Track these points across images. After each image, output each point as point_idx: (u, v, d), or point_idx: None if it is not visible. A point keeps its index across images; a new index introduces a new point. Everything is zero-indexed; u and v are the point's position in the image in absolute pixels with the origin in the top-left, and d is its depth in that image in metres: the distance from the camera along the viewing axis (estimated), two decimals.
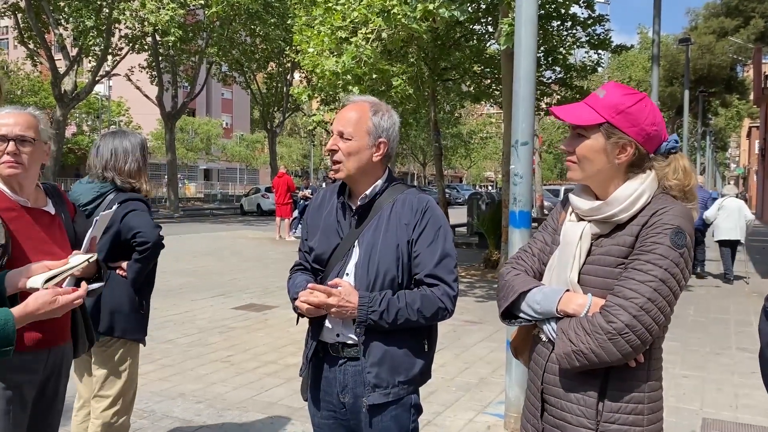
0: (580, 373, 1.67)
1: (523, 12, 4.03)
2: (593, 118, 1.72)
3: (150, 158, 3.59)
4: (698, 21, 37.48)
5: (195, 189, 49.93)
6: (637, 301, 1.58)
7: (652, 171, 1.73)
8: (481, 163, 60.10)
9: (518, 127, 4.09)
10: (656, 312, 1.58)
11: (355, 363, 2.10)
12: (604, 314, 1.61)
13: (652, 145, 1.73)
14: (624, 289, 1.61)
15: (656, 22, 13.95)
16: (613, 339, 1.58)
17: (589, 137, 1.73)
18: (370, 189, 2.14)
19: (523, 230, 4.15)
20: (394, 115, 2.19)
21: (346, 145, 2.09)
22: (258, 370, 5.52)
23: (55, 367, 2.29)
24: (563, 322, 1.69)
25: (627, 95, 1.71)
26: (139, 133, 3.21)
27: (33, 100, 36.88)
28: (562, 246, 1.79)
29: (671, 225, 1.62)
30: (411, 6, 7.53)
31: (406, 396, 2.12)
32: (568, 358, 1.65)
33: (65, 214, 2.36)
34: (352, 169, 2.10)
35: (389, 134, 2.14)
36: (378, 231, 2.10)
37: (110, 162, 3.06)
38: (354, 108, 2.14)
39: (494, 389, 5.07)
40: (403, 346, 2.08)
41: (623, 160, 1.72)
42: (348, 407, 2.12)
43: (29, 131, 2.18)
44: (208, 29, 24.89)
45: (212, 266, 12.01)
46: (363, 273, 2.07)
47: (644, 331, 1.58)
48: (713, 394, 5.10)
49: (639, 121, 1.69)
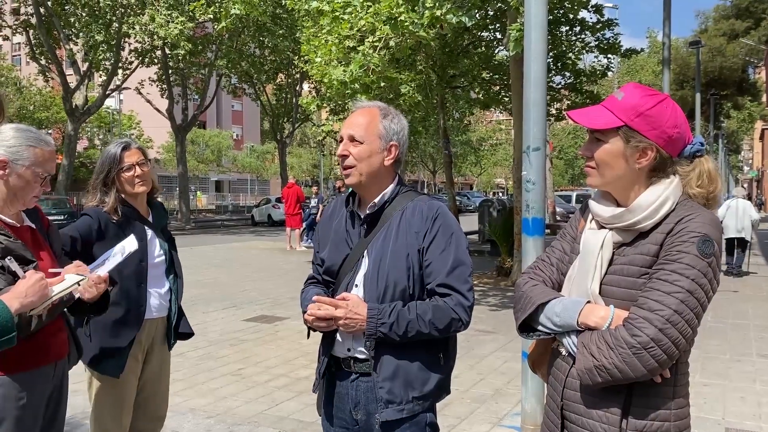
0: (603, 389, 1.58)
1: (533, 16, 3.96)
2: (611, 121, 1.64)
3: (161, 170, 3.55)
4: (708, 23, 37.25)
5: (206, 200, 50.19)
6: (663, 314, 1.49)
7: (676, 176, 1.65)
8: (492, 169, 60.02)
9: (530, 133, 4.01)
10: (683, 325, 1.50)
11: (367, 378, 2.02)
12: (628, 327, 1.52)
13: (675, 149, 1.65)
14: (649, 300, 1.52)
15: (666, 25, 13.83)
16: (637, 353, 1.49)
17: (608, 141, 1.65)
18: (379, 197, 2.08)
19: (537, 238, 4.07)
20: (403, 119, 2.13)
21: (357, 149, 2.03)
22: (269, 383, 5.45)
23: (59, 380, 2.29)
24: (584, 336, 1.60)
25: (647, 96, 1.63)
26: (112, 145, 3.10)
27: (45, 115, 37.24)
28: (583, 255, 1.71)
29: (698, 233, 1.53)
30: (418, 13, 7.48)
31: (422, 413, 2.03)
32: (589, 374, 1.56)
33: (39, 226, 2.35)
34: (363, 174, 2.04)
35: (400, 138, 2.09)
36: (387, 240, 2.03)
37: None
38: (364, 112, 2.09)
39: (510, 401, 4.96)
40: (416, 359, 2.00)
41: (644, 165, 1.63)
42: (361, 424, 2.05)
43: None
44: (217, 42, 25.03)
45: (223, 278, 11.98)
46: (372, 284, 2.00)
47: (670, 345, 1.49)
48: (736, 402, 4.97)
49: (660, 124, 1.61)
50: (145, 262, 2.93)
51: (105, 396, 2.90)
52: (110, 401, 2.90)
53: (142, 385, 3.03)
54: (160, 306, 3.03)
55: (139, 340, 2.94)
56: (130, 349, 2.89)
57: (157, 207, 3.16)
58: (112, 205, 2.87)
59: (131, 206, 2.97)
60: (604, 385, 1.56)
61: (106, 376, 2.87)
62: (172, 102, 27.71)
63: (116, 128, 43.55)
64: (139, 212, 3.01)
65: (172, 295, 3.09)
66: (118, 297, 2.82)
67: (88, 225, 2.83)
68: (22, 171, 2.12)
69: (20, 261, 2.07)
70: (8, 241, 2.07)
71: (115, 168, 2.89)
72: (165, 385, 3.19)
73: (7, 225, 2.12)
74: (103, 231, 2.83)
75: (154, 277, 2.99)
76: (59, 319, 2.25)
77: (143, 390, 3.04)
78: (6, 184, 2.11)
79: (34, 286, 1.85)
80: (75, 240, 2.79)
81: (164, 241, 3.09)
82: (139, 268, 2.90)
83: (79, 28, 23.22)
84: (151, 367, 3.05)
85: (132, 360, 2.91)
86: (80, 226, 2.83)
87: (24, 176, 2.12)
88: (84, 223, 2.85)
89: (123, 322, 2.85)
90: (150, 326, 2.99)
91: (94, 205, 2.90)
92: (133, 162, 2.91)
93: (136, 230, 2.92)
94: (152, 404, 3.10)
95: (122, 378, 2.88)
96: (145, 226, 3.00)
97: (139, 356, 2.97)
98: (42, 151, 2.16)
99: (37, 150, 2.14)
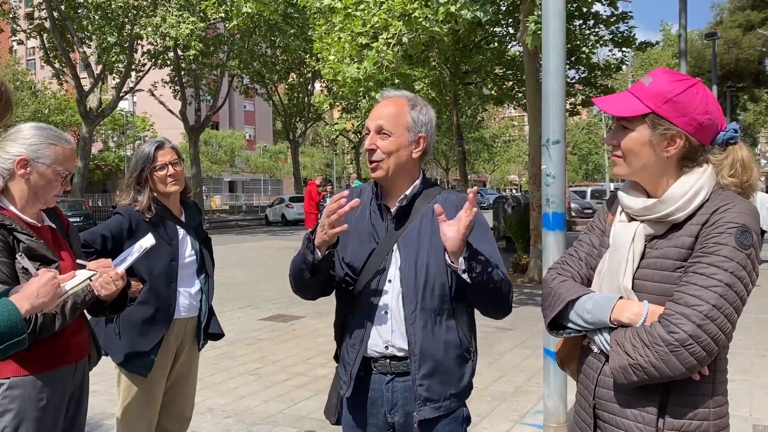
0: (638, 388, 1.52)
1: (551, 6, 3.89)
2: (637, 108, 1.57)
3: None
4: (723, 15, 36.73)
5: (220, 201, 50.37)
6: (701, 309, 1.42)
7: (708, 165, 1.58)
8: (505, 166, 59.77)
9: (549, 125, 3.94)
10: (722, 320, 1.43)
11: (405, 378, 1.95)
12: (664, 324, 1.45)
13: (707, 136, 1.58)
14: (685, 295, 1.45)
15: (683, 17, 13.64)
16: (675, 351, 1.43)
17: (634, 129, 1.58)
18: (410, 189, 2.01)
19: (558, 232, 3.99)
20: (431, 109, 2.07)
21: (385, 142, 1.97)
22: (287, 382, 5.42)
23: (79, 381, 2.27)
24: (618, 333, 1.54)
25: (676, 81, 1.56)
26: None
27: (60, 119, 37.57)
28: (613, 249, 1.64)
29: (736, 223, 1.46)
30: (432, 8, 7.41)
31: (458, 409, 1.99)
32: (624, 372, 1.50)
33: (59, 225, 2.33)
34: (392, 168, 1.97)
35: (428, 129, 2.03)
36: (423, 233, 1.97)
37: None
38: (391, 102, 2.02)
39: (531, 398, 4.90)
40: (451, 355, 1.95)
41: (672, 153, 1.56)
42: (398, 427, 1.98)
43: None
44: (229, 42, 25.09)
45: (239, 277, 12.00)
46: (410, 278, 1.93)
47: (710, 342, 1.42)
48: (762, 399, 4.87)
49: (689, 110, 1.54)
50: (175, 261, 2.91)
51: (132, 395, 2.89)
52: (138, 400, 2.89)
53: (170, 385, 3.01)
54: (190, 306, 3.00)
55: (168, 340, 2.92)
56: (159, 348, 2.87)
57: (190, 206, 3.14)
58: (145, 204, 2.86)
59: (164, 205, 2.95)
60: (639, 384, 1.50)
61: (134, 374, 2.86)
62: (185, 103, 27.80)
63: (130, 130, 43.85)
64: (172, 211, 2.99)
65: (203, 296, 3.07)
66: (147, 296, 2.82)
67: (120, 223, 2.83)
68: (43, 169, 2.09)
69: (42, 261, 2.04)
70: (30, 240, 2.05)
71: (148, 167, 2.89)
72: (192, 386, 3.18)
73: (28, 224, 2.10)
74: (134, 230, 2.82)
75: (185, 277, 2.97)
76: (79, 319, 2.23)
77: (170, 390, 3.02)
78: (27, 183, 2.09)
79: (45, 285, 1.82)
80: (106, 238, 2.79)
81: (196, 241, 3.06)
82: (170, 268, 2.88)
83: (92, 30, 23.33)
84: (180, 368, 3.04)
85: (161, 359, 2.89)
86: (112, 225, 2.83)
87: (45, 174, 2.10)
88: (116, 221, 2.84)
89: (152, 322, 2.83)
90: (179, 326, 2.97)
91: (126, 204, 2.90)
92: (166, 161, 2.90)
93: (168, 229, 2.90)
94: (178, 405, 3.08)
95: (150, 377, 2.86)
96: (177, 225, 2.98)
97: (169, 356, 2.95)
98: (63, 149, 2.14)
99: (57, 148, 2.12)
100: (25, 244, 2.03)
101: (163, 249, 2.84)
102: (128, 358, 2.83)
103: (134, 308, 2.74)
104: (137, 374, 2.86)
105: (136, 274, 2.80)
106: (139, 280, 2.82)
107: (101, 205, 33.49)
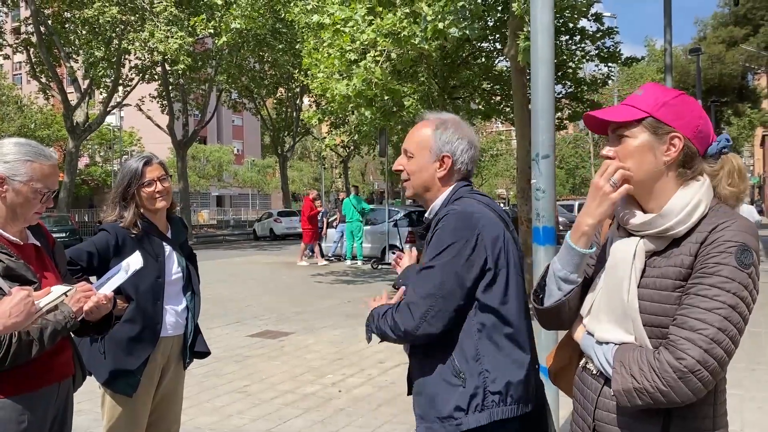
0: (641, 411, 1.49)
1: (539, 20, 3.90)
2: (635, 113, 1.56)
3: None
4: (707, 31, 37.32)
5: (208, 216, 50.10)
6: (706, 333, 1.39)
7: (705, 177, 1.56)
8: (493, 180, 59.98)
9: (538, 140, 3.93)
10: (728, 343, 1.40)
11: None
12: (671, 350, 1.42)
13: (702, 143, 1.56)
14: (689, 319, 1.42)
15: (668, 32, 13.81)
16: (684, 378, 1.39)
17: (633, 136, 1.56)
18: (430, 208, 2.10)
19: (548, 247, 3.96)
20: (465, 127, 2.10)
21: (408, 164, 2.10)
22: (275, 400, 5.34)
23: (63, 402, 2.21)
24: (621, 353, 1.51)
25: (668, 90, 1.60)
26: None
27: (46, 133, 37.31)
28: (612, 264, 1.61)
29: (735, 242, 1.44)
30: (421, 26, 7.44)
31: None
32: (628, 396, 1.46)
33: (45, 243, 2.27)
34: (417, 188, 2.09)
35: (453, 148, 2.04)
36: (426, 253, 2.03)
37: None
38: (420, 125, 2.12)
39: None
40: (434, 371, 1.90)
41: (672, 157, 1.53)
42: None
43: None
44: (217, 57, 25.09)
45: (226, 293, 11.88)
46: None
47: (716, 366, 1.40)
48: (753, 413, 4.85)
49: (685, 113, 1.54)
50: (162, 278, 2.85)
51: (118, 415, 2.81)
52: (123, 420, 2.81)
53: (156, 404, 2.95)
54: (176, 324, 2.95)
55: (155, 359, 2.86)
56: (145, 367, 2.80)
57: (176, 222, 3.08)
58: (131, 220, 2.81)
59: (150, 221, 2.89)
60: (643, 407, 1.47)
61: (119, 394, 2.79)
62: (172, 118, 27.69)
63: (117, 145, 43.60)
64: (158, 227, 2.93)
65: (189, 313, 3.01)
66: (133, 314, 2.75)
67: (106, 240, 2.77)
68: (19, 187, 2.03)
69: (21, 281, 1.98)
70: (9, 260, 1.99)
71: (135, 183, 2.83)
72: (178, 405, 3.11)
73: (10, 243, 2.04)
74: (121, 246, 2.76)
75: (172, 294, 2.92)
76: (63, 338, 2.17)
77: (156, 409, 2.95)
78: (4, 201, 2.03)
79: (18, 304, 1.75)
80: (92, 255, 2.73)
81: (183, 258, 3.01)
82: (156, 285, 2.83)
83: (79, 45, 23.27)
84: (166, 386, 2.97)
85: (146, 379, 2.83)
86: (98, 242, 2.78)
87: (22, 192, 2.04)
88: (102, 238, 2.79)
89: (138, 340, 2.77)
90: (165, 344, 2.91)
91: (112, 220, 2.84)
92: (154, 177, 2.85)
93: (154, 246, 2.84)
94: (164, 424, 3.02)
95: (136, 397, 2.80)
96: (163, 242, 2.93)
97: (155, 375, 2.89)
98: (41, 165, 2.07)
99: (35, 164, 2.06)
100: (4, 264, 1.97)
101: (150, 266, 2.78)
102: (113, 378, 2.76)
103: (120, 326, 2.67)
104: (122, 394, 2.79)
105: (122, 291, 2.74)
106: (124, 297, 2.77)
107: (87, 220, 33.14)
